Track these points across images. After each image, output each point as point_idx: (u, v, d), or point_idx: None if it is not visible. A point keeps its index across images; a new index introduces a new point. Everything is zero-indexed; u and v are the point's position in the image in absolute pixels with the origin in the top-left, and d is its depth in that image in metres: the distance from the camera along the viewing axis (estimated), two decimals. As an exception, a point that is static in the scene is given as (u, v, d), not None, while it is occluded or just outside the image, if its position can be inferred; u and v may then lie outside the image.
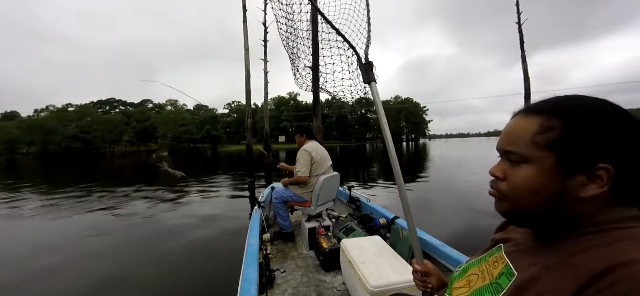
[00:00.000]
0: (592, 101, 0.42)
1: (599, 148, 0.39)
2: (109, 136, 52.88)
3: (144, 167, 19.22)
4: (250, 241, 1.96)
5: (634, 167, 0.39)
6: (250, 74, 10.84)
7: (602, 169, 0.38)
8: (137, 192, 7.86)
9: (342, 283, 1.92)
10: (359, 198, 3.06)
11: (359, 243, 1.87)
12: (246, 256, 1.72)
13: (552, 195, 0.42)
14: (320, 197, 2.54)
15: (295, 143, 2.86)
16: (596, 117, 0.40)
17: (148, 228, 4.46)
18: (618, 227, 0.39)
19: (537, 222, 0.46)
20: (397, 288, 1.41)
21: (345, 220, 2.67)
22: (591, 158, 0.39)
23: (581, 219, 0.41)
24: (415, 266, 0.81)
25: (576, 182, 0.40)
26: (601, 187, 0.39)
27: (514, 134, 0.46)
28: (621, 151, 0.39)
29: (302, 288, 1.93)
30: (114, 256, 3.39)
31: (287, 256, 2.48)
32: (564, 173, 0.41)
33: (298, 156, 2.62)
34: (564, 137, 0.40)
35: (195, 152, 52.35)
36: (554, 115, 0.42)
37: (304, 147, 2.66)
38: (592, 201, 0.40)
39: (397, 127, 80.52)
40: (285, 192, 2.71)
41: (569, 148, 0.40)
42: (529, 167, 0.43)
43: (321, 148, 2.70)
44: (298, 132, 2.81)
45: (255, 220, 2.47)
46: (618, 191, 0.40)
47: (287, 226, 2.71)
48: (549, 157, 0.42)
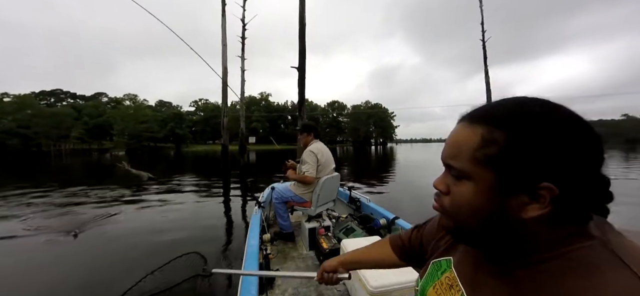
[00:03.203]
0: (542, 108, 0.37)
1: (543, 164, 0.35)
2: (53, 132, 46.77)
3: (98, 167, 17.50)
4: (250, 241, 1.93)
5: (580, 184, 0.35)
6: (228, 71, 10.42)
7: (545, 188, 0.35)
8: (98, 193, 7.14)
9: (342, 283, 1.95)
10: (359, 199, 3.10)
11: (358, 243, 1.89)
12: (246, 256, 1.70)
13: (492, 215, 0.39)
14: (320, 197, 2.56)
15: (268, 145, 2.82)
16: (542, 129, 0.35)
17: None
18: (568, 253, 0.36)
19: (482, 243, 0.43)
20: (397, 289, 1.46)
21: (345, 220, 2.71)
22: (533, 176, 0.35)
23: (530, 241, 0.39)
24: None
25: (518, 202, 0.37)
26: (544, 207, 0.36)
27: (456, 146, 0.42)
28: (567, 167, 0.35)
29: (302, 289, 1.93)
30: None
31: (287, 256, 2.46)
32: (504, 192, 0.37)
33: (304, 156, 2.60)
34: (504, 152, 0.36)
35: (157, 151, 48.81)
36: (497, 125, 0.37)
37: (310, 147, 2.64)
38: (541, 222, 0.37)
39: (367, 130, 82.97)
40: (286, 191, 2.68)
41: (509, 165, 0.36)
42: (469, 184, 0.40)
43: (326, 149, 2.70)
44: (304, 131, 2.76)
45: (255, 220, 2.43)
46: (562, 208, 0.36)
47: (287, 227, 2.67)
48: (488, 174, 0.38)
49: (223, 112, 10.72)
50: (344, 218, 2.80)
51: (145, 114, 57.40)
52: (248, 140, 13.97)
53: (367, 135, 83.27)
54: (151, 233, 4.01)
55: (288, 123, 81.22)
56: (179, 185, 8.67)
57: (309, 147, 2.65)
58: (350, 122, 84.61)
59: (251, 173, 10.35)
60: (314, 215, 2.61)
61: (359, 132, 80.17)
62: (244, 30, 11.87)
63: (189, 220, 4.66)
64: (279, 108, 77.67)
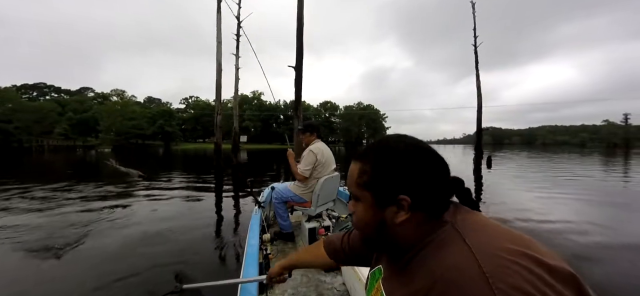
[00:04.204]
0: (392, 143, 0.52)
1: (397, 182, 0.49)
2: (36, 127, 44.98)
3: (84, 164, 16.98)
4: (250, 241, 1.91)
5: (428, 191, 0.49)
6: (222, 68, 10.26)
7: (403, 199, 0.48)
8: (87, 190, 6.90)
9: (342, 283, 1.96)
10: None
11: None
12: (246, 256, 1.69)
13: (376, 224, 0.53)
14: (320, 197, 2.55)
15: (261, 144, 2.79)
16: (393, 158, 0.50)
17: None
18: (431, 240, 0.48)
19: (382, 248, 0.57)
20: None
21: (345, 220, 2.71)
22: (394, 192, 0.49)
23: (408, 240, 0.51)
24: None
25: (390, 212, 0.50)
26: (407, 213, 0.49)
27: (349, 178, 0.57)
28: (414, 182, 0.48)
29: (301, 288, 1.93)
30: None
31: (287, 256, 2.44)
32: (379, 206, 0.51)
33: (304, 154, 2.59)
34: (372, 178, 0.51)
35: (145, 148, 47.67)
36: (366, 160, 0.53)
37: (311, 146, 2.63)
38: (409, 223, 0.50)
39: (359, 131, 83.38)
40: (285, 191, 2.66)
41: (377, 187, 0.51)
42: (359, 204, 0.55)
43: (327, 150, 2.69)
44: (307, 130, 2.73)
45: (255, 220, 2.41)
46: (426, 210, 0.49)
47: (286, 226, 2.66)
48: (368, 195, 0.52)
49: (217, 110, 10.55)
50: (344, 218, 2.81)
51: (133, 111, 55.79)
52: (240, 139, 13.85)
53: (359, 136, 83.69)
54: (144, 243, 3.49)
55: (280, 122, 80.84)
56: (172, 183, 8.48)
57: (310, 146, 2.64)
58: (342, 123, 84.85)
59: (249, 173, 10.24)
60: (314, 215, 2.60)
61: (351, 132, 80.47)
62: (239, 28, 11.71)
63: (184, 220, 4.55)
64: (272, 108, 77.06)
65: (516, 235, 0.43)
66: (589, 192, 7.14)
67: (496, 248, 0.40)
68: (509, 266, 0.38)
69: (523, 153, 31.28)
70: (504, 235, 0.43)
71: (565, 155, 26.97)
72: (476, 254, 0.40)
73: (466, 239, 0.43)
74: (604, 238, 3.72)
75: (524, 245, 0.41)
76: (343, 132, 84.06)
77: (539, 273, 0.37)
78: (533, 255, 0.39)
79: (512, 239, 0.42)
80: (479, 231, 0.44)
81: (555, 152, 33.95)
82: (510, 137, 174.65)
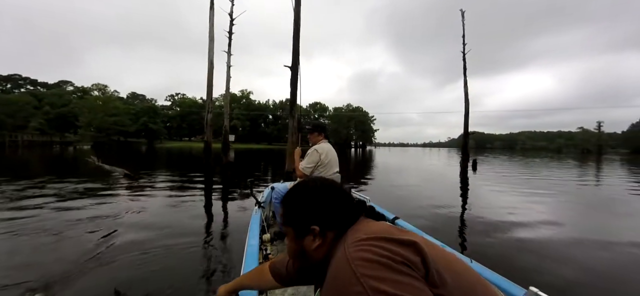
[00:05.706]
0: (301, 186, 0.68)
1: (305, 217, 0.63)
2: (9, 121, 42.48)
3: (61, 161, 16.21)
4: (250, 241, 1.91)
5: (331, 217, 0.62)
6: (214, 65, 10.08)
7: (314, 229, 0.62)
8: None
9: None
10: (359, 199, 3.12)
11: None
12: (246, 256, 1.69)
13: (299, 253, 0.66)
14: (321, 197, 2.56)
15: (249, 143, 2.79)
16: (300, 198, 0.65)
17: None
18: (333, 254, 0.58)
19: (311, 274, 0.77)
20: None
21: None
22: (305, 224, 0.63)
23: (324, 262, 0.61)
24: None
25: (308, 241, 0.63)
26: (319, 239, 0.62)
27: (282, 217, 0.70)
28: (317, 213, 0.62)
29: (302, 288, 1.94)
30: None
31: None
32: (298, 237, 0.65)
33: (309, 152, 2.61)
34: (287, 217, 0.67)
35: (127, 146, 45.99)
36: (283, 204, 0.69)
37: (316, 146, 2.65)
38: (322, 246, 0.62)
39: (347, 133, 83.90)
40: (285, 191, 2.65)
41: (292, 222, 0.66)
42: (288, 238, 0.69)
43: (332, 151, 2.71)
44: (315, 130, 2.76)
45: (255, 220, 2.41)
46: (335, 230, 0.62)
47: (286, 227, 2.65)
48: (290, 230, 0.67)
49: (208, 108, 10.37)
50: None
51: (115, 106, 53.72)
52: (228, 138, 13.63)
53: (348, 138, 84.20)
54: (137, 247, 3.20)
55: (268, 122, 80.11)
56: (160, 182, 8.23)
57: (315, 145, 2.66)
58: (331, 124, 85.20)
59: (238, 174, 10.10)
60: (314, 215, 2.60)
61: (340, 134, 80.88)
62: (232, 25, 11.57)
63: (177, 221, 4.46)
64: (260, 107, 76.28)
65: (383, 228, 0.56)
66: (567, 196, 7.62)
67: (359, 239, 0.53)
68: (363, 247, 0.50)
69: (504, 157, 33.49)
70: (372, 230, 0.56)
71: (547, 159, 28.58)
72: (346, 248, 0.52)
73: (346, 240, 0.55)
74: (569, 232, 4.32)
75: (384, 232, 0.54)
76: (332, 133, 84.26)
77: (387, 246, 0.49)
78: (387, 236, 0.51)
79: (377, 231, 0.55)
80: (359, 231, 0.56)
81: (533, 157, 35.61)
82: (493, 142, 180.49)
